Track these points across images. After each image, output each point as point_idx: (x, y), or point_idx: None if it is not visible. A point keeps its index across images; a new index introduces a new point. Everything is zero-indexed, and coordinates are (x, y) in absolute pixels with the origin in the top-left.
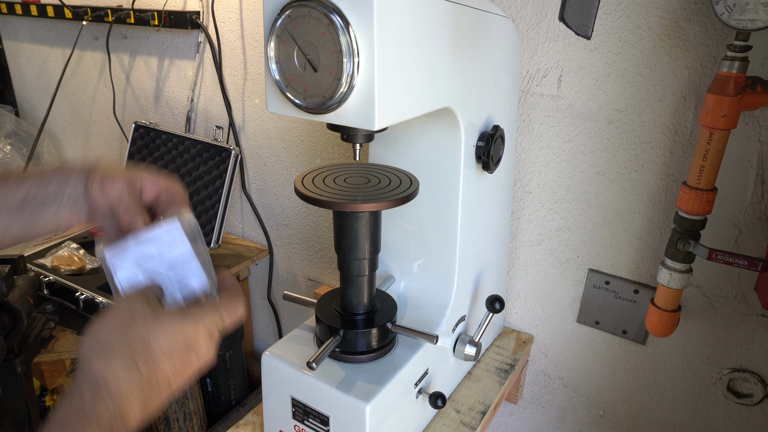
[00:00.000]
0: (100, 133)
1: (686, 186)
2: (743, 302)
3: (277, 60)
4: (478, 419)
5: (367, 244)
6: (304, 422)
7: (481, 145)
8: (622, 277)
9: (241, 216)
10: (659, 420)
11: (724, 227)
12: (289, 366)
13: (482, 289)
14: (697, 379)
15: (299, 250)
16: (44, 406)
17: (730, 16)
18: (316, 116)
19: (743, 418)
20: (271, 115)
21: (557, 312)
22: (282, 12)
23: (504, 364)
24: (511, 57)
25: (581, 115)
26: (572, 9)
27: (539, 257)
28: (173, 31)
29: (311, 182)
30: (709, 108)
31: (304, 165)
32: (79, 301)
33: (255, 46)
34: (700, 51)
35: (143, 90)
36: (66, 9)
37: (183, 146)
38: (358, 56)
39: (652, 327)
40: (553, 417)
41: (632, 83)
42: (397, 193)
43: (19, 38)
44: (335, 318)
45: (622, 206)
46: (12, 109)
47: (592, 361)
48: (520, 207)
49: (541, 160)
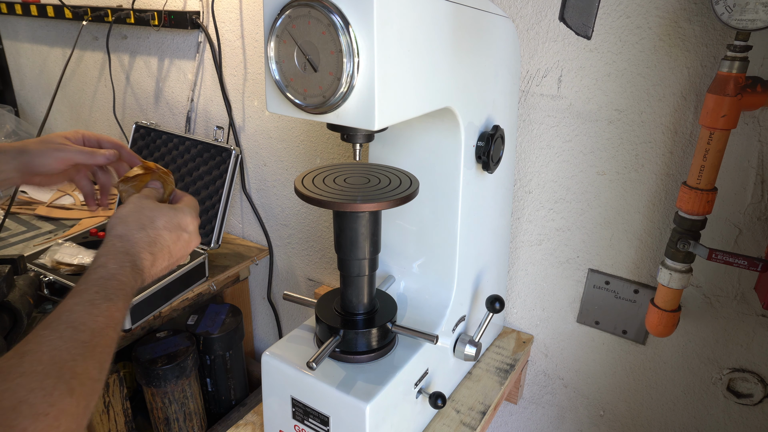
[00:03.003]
0: (100, 133)
1: (686, 186)
2: (743, 302)
3: (277, 60)
4: (478, 419)
5: (367, 244)
6: (304, 422)
7: (481, 145)
8: (622, 277)
9: (241, 216)
10: (659, 420)
11: (724, 227)
12: (289, 366)
13: (482, 289)
14: (697, 379)
15: (299, 250)
16: None
17: (730, 16)
18: (316, 116)
19: (743, 418)
20: (271, 115)
21: (557, 312)
22: (282, 12)
23: (504, 364)
24: (511, 57)
25: (581, 115)
26: (572, 9)
27: (539, 257)
28: (173, 31)
29: (311, 182)
30: (709, 108)
31: (304, 165)
32: None
33: (255, 46)
34: (700, 51)
35: (143, 90)
36: (66, 9)
37: (183, 146)
38: (358, 56)
39: (652, 327)
40: (553, 417)
41: (632, 83)
42: (397, 193)
43: (19, 38)
44: (335, 318)
45: (622, 206)
46: (12, 109)
47: (592, 361)
48: (520, 207)
49: (541, 160)
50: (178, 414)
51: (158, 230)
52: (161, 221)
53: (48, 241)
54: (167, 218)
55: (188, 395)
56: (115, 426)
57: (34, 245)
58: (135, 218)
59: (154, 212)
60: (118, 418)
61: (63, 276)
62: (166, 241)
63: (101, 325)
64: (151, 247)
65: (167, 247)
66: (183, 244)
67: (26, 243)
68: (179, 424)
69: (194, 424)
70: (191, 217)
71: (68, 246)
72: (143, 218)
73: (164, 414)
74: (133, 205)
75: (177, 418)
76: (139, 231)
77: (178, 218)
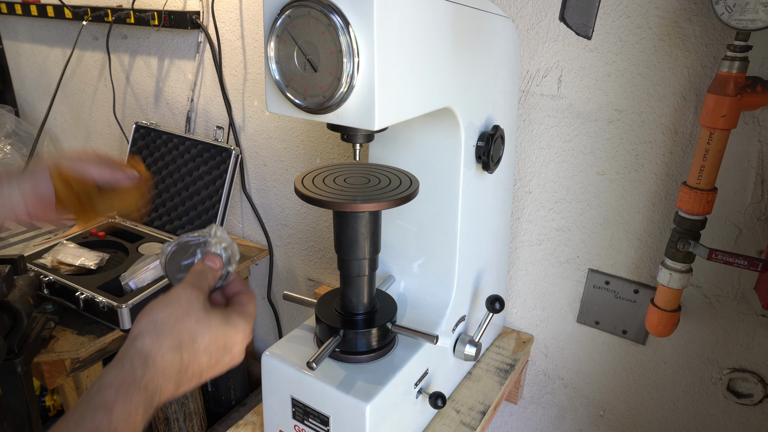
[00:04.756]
0: (100, 133)
1: (686, 186)
2: (743, 302)
3: (277, 60)
4: (478, 419)
5: (367, 244)
6: (304, 422)
7: (481, 145)
8: (622, 277)
9: (241, 216)
10: (659, 420)
11: (724, 227)
12: (289, 366)
13: (482, 289)
14: (697, 379)
15: (299, 250)
16: (44, 406)
17: (730, 16)
18: (316, 116)
19: (743, 418)
20: (271, 115)
21: (557, 312)
22: (282, 12)
23: (504, 364)
24: (511, 57)
25: (581, 115)
26: (573, 9)
27: (539, 257)
28: (173, 31)
29: (311, 182)
30: (709, 108)
31: (304, 165)
32: (79, 301)
33: (255, 46)
34: (700, 51)
35: (143, 90)
36: (66, 9)
37: (183, 146)
38: (358, 56)
39: (652, 327)
40: (553, 417)
41: (632, 83)
42: (397, 193)
43: (19, 38)
44: (335, 318)
45: (622, 206)
46: (12, 109)
47: (592, 361)
48: (520, 207)
49: (541, 160)
50: (178, 414)
51: (197, 354)
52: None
53: (48, 241)
54: (214, 337)
55: (188, 395)
56: None
57: (34, 245)
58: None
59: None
60: None
61: (63, 276)
62: (201, 366)
63: None
64: (180, 375)
65: (199, 374)
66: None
67: (26, 243)
68: (179, 424)
69: (194, 424)
70: (243, 334)
71: (72, 246)
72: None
73: (164, 414)
74: (177, 304)
75: (177, 418)
76: (172, 353)
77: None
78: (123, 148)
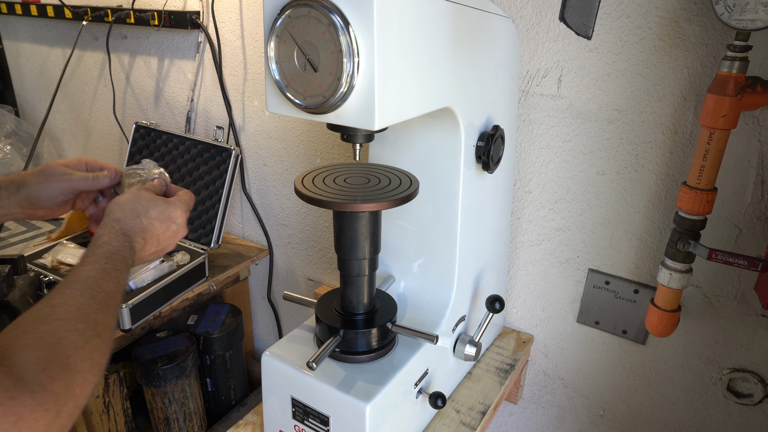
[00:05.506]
0: (100, 133)
1: (686, 186)
2: (743, 302)
3: (277, 60)
4: (478, 419)
5: (367, 244)
6: (304, 422)
7: (481, 145)
8: (622, 277)
9: (241, 216)
10: (659, 420)
11: (724, 227)
12: (289, 366)
13: (482, 289)
14: (697, 379)
15: (299, 250)
16: None
17: (730, 16)
18: (316, 116)
19: (743, 418)
20: (271, 115)
21: (557, 312)
22: (282, 12)
23: (504, 364)
24: (511, 57)
25: (581, 115)
26: (572, 9)
27: (539, 257)
28: (173, 31)
29: (311, 182)
30: (709, 108)
31: (304, 165)
32: None
33: (255, 46)
34: (700, 51)
35: (143, 90)
36: (66, 9)
37: (183, 146)
38: (358, 56)
39: (652, 327)
40: (553, 417)
41: (632, 83)
42: (397, 193)
43: (19, 38)
44: (335, 318)
45: (622, 206)
46: (12, 109)
47: (592, 361)
48: (520, 207)
49: (541, 160)
50: (178, 414)
51: (150, 219)
52: (154, 212)
53: (48, 241)
54: (160, 210)
55: (188, 395)
56: (115, 426)
57: (34, 245)
58: (131, 206)
59: (149, 203)
60: (118, 418)
61: (63, 276)
62: (156, 230)
63: (112, 289)
64: (143, 233)
65: (157, 236)
66: (171, 234)
67: (26, 243)
68: (179, 424)
69: (194, 424)
70: (181, 210)
71: (72, 246)
72: (139, 207)
73: (164, 414)
74: (131, 194)
75: (177, 418)
76: (134, 218)
77: (170, 211)
78: (123, 148)
